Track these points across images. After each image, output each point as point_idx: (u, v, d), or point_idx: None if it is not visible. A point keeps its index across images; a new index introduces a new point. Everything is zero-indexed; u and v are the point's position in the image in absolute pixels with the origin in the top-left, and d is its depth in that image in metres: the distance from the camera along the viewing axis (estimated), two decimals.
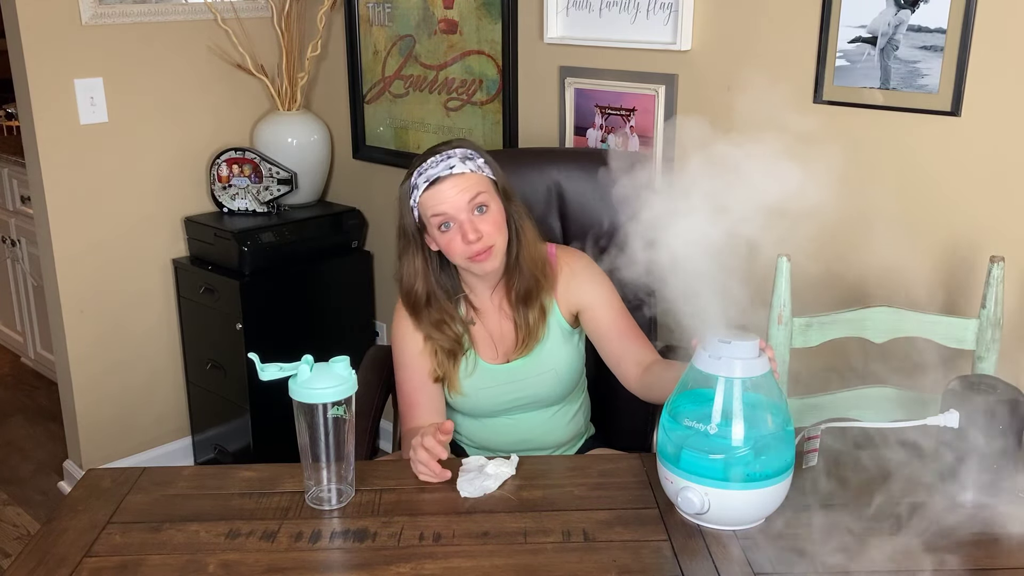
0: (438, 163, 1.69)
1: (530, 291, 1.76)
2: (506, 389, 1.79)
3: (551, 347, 1.80)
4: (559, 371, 1.81)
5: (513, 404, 1.81)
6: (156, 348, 3.07)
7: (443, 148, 1.72)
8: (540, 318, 1.78)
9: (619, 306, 1.81)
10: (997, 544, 1.31)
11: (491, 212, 1.70)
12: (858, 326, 1.75)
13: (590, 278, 1.81)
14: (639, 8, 2.27)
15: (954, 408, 1.38)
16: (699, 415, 1.32)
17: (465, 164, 1.69)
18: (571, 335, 1.83)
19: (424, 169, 1.70)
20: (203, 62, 2.99)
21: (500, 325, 1.81)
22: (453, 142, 1.75)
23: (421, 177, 1.69)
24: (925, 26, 1.84)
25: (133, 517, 1.39)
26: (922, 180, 1.92)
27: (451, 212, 1.67)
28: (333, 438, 1.39)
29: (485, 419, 1.83)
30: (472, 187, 1.68)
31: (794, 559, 1.27)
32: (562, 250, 1.86)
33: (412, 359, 1.77)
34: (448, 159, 1.69)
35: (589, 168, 2.04)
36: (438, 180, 1.67)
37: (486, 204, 1.69)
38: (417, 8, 2.80)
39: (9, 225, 3.75)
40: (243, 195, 3.01)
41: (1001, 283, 1.65)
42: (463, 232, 1.67)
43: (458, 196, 1.67)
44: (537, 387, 1.80)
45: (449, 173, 1.67)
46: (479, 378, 1.79)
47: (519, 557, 1.28)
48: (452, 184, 1.67)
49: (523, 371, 1.79)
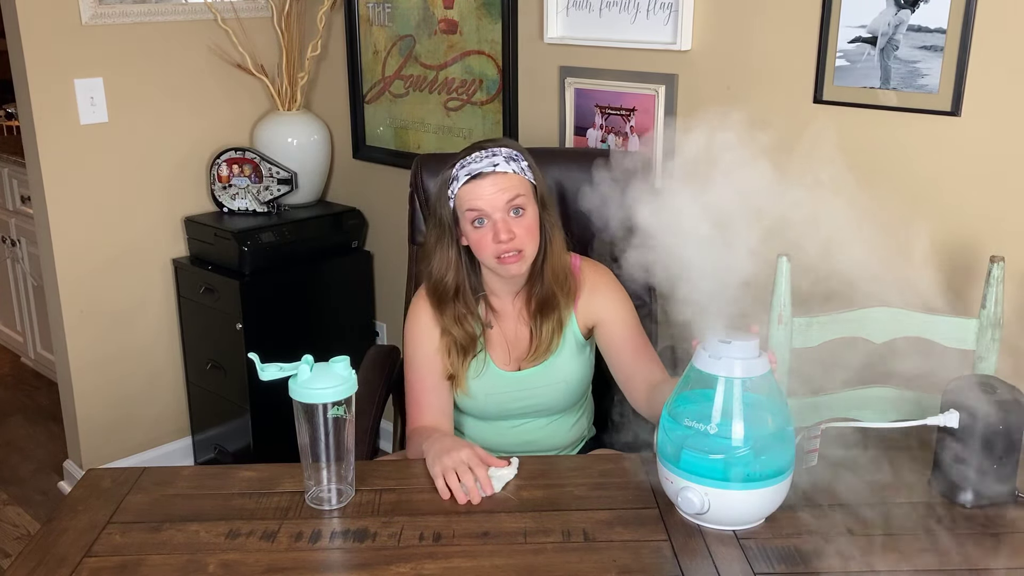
0: (483, 158, 1.68)
1: (549, 302, 1.75)
2: (515, 396, 1.79)
3: (564, 359, 1.79)
4: (570, 382, 1.81)
5: (521, 411, 1.81)
6: (156, 348, 3.07)
7: (489, 145, 1.72)
8: (556, 329, 1.77)
9: (635, 324, 1.80)
10: (997, 544, 1.31)
11: (526, 216, 1.69)
12: (858, 326, 1.75)
13: (610, 294, 1.80)
14: (639, 8, 2.27)
15: (954, 408, 1.38)
16: (699, 415, 1.32)
17: (509, 164, 1.69)
18: (584, 348, 1.82)
19: (468, 163, 1.69)
20: (203, 62, 2.99)
21: (516, 331, 1.80)
22: (500, 140, 1.74)
23: (463, 170, 1.68)
24: (925, 26, 1.84)
25: (133, 517, 1.39)
26: (922, 180, 1.92)
27: (487, 209, 1.66)
28: (333, 438, 1.39)
29: (492, 422, 1.83)
30: (512, 188, 1.67)
31: (794, 559, 1.27)
32: (587, 263, 1.85)
33: (427, 357, 1.75)
34: (493, 156, 1.68)
35: (589, 168, 2.04)
36: (480, 175, 1.66)
37: (523, 207, 1.68)
38: (417, 8, 2.80)
39: (9, 225, 3.75)
40: (243, 195, 3.01)
41: (1001, 283, 1.65)
42: (496, 230, 1.66)
43: (496, 195, 1.66)
44: (546, 396, 1.80)
45: (492, 170, 1.67)
46: (490, 383, 1.78)
47: (519, 557, 1.28)
48: (492, 182, 1.66)
49: (534, 380, 1.79)
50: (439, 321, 1.75)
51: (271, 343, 2.84)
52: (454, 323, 1.74)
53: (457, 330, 1.74)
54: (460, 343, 1.75)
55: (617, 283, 1.83)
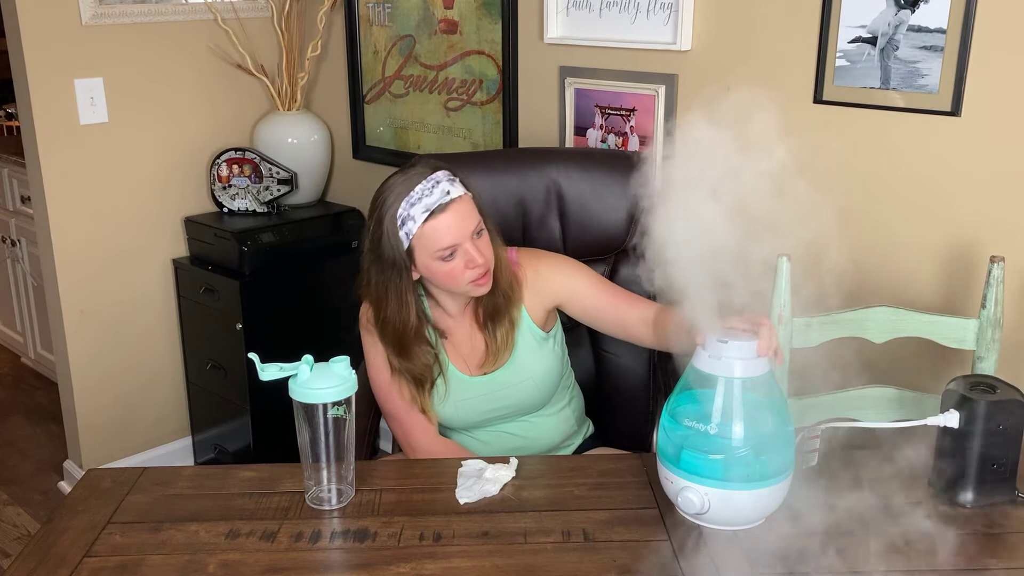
0: (430, 190, 1.58)
1: (499, 308, 1.71)
2: (487, 400, 1.77)
3: (524, 356, 1.76)
4: (536, 379, 1.77)
5: (495, 414, 1.79)
6: (156, 348, 3.07)
7: (417, 172, 1.61)
8: (509, 331, 1.73)
9: (596, 281, 1.78)
10: (997, 544, 1.31)
11: (484, 233, 1.65)
12: (858, 326, 1.75)
13: (555, 272, 1.77)
14: (639, 8, 2.27)
15: (954, 408, 1.38)
16: (699, 415, 1.32)
17: (455, 186, 1.61)
18: (545, 340, 1.78)
19: (415, 199, 1.59)
20: (203, 62, 2.99)
21: (471, 339, 1.77)
22: (418, 162, 1.65)
23: (415, 208, 1.58)
24: (925, 26, 1.84)
25: (133, 517, 1.39)
26: (922, 180, 1.92)
27: (458, 242, 1.60)
28: (333, 438, 1.39)
29: (473, 431, 1.81)
30: (470, 211, 1.62)
31: (794, 559, 1.27)
32: (523, 254, 1.80)
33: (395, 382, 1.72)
34: (438, 184, 1.59)
35: (589, 168, 2.04)
36: (439, 209, 1.58)
37: (481, 228, 1.64)
38: (417, 8, 2.80)
39: (9, 225, 3.75)
40: (243, 195, 3.01)
41: (1001, 283, 1.65)
42: (469, 258, 1.61)
43: (462, 224, 1.59)
44: (517, 396, 1.78)
45: (449, 200, 1.59)
46: (457, 391, 1.75)
47: (519, 557, 1.28)
48: (454, 211, 1.59)
49: (499, 382, 1.76)
50: (392, 362, 1.70)
51: (271, 343, 2.84)
52: (408, 361, 1.69)
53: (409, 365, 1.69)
54: (417, 378, 1.71)
55: (557, 258, 1.80)
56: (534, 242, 2.04)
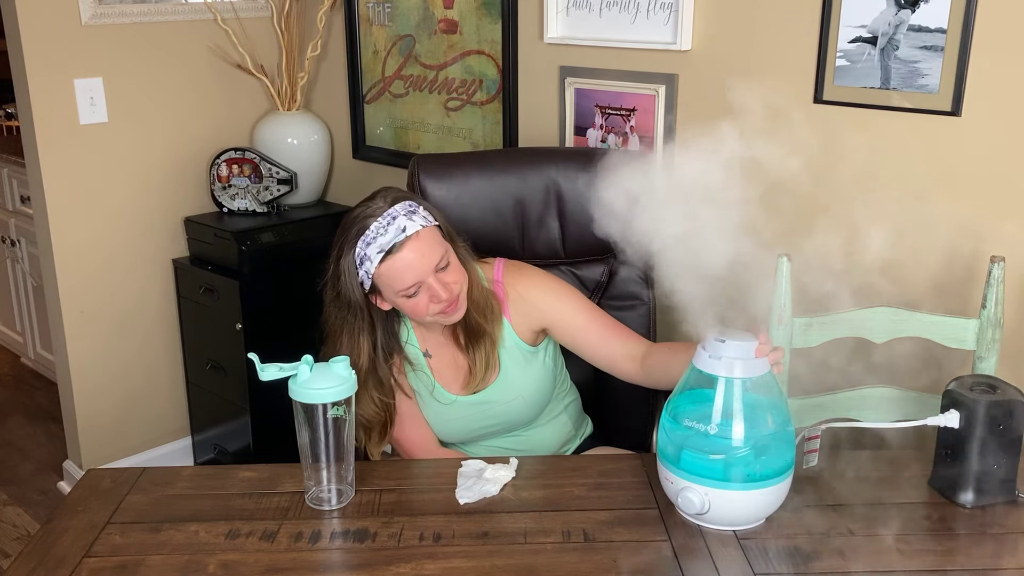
0: (385, 228, 1.53)
1: (477, 328, 1.67)
2: (474, 418, 1.74)
3: (512, 374, 1.73)
4: (526, 396, 1.74)
5: (486, 431, 1.77)
6: (156, 348, 3.07)
7: (375, 207, 1.56)
8: (491, 350, 1.69)
9: (587, 309, 1.73)
10: (997, 544, 1.31)
11: (451, 264, 1.59)
12: (858, 326, 1.75)
13: (542, 295, 1.72)
14: (639, 8, 2.27)
15: (954, 408, 1.38)
16: (699, 415, 1.32)
17: (413, 220, 1.54)
18: (534, 354, 1.75)
19: (370, 238, 1.53)
20: (203, 62, 2.99)
21: (455, 360, 1.73)
22: (378, 194, 1.59)
23: (370, 247, 1.53)
24: (925, 26, 1.84)
25: (133, 517, 1.39)
26: (922, 180, 1.92)
27: (420, 279, 1.55)
28: (333, 438, 1.39)
29: (467, 446, 1.80)
30: (432, 246, 1.55)
31: (794, 559, 1.27)
32: (508, 268, 1.76)
33: None
34: (394, 220, 1.53)
35: (589, 168, 2.04)
36: (394, 248, 1.53)
37: (447, 259, 1.58)
38: (417, 8, 2.80)
39: (9, 225, 3.75)
40: (243, 195, 3.01)
41: (1001, 283, 1.65)
42: (433, 293, 1.56)
43: (422, 261, 1.54)
44: (506, 414, 1.75)
45: (404, 237, 1.53)
46: (447, 411, 1.73)
47: (519, 557, 1.28)
48: (411, 248, 1.53)
49: (488, 401, 1.73)
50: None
51: (271, 343, 2.83)
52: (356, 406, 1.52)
53: (359, 411, 1.61)
54: (362, 424, 1.65)
55: (545, 279, 1.75)
56: (533, 242, 2.04)
